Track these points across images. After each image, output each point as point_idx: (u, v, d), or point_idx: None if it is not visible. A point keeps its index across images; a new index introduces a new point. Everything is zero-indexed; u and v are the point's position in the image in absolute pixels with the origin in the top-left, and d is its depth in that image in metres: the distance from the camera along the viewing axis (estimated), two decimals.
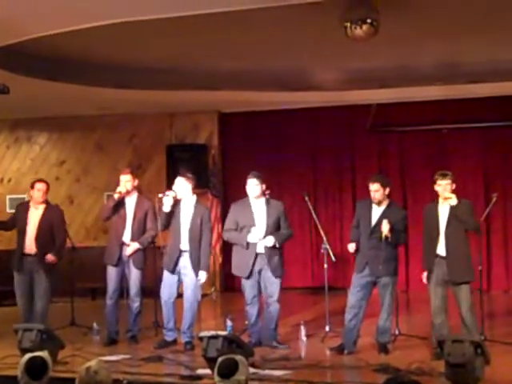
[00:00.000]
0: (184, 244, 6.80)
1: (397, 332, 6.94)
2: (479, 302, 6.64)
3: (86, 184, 11.53)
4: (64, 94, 9.50)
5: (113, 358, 6.19)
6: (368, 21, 6.34)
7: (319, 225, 7.55)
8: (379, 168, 10.78)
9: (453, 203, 6.12)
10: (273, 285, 6.67)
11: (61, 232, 7.33)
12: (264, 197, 6.82)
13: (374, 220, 6.39)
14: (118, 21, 6.50)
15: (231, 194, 10.89)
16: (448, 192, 6.18)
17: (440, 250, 6.22)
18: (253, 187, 6.72)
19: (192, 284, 6.75)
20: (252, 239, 6.66)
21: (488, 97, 10.14)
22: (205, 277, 6.77)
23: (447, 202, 6.16)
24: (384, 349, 6.34)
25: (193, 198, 6.89)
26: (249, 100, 10.37)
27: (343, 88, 9.85)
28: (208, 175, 10.84)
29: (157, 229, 7.00)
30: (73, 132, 11.59)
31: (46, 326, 6.20)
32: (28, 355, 3.86)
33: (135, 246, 7.04)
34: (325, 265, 7.37)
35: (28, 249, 7.16)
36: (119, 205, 7.12)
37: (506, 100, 10.20)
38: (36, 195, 7.23)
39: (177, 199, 6.80)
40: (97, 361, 3.64)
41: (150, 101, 10.12)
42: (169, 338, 6.87)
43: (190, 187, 6.85)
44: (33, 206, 7.27)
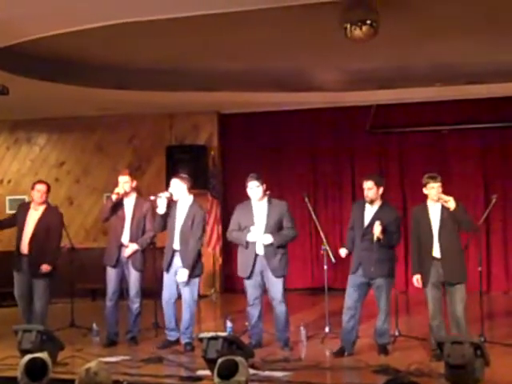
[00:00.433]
0: (176, 244, 6.80)
1: (396, 333, 6.94)
2: (479, 303, 6.64)
3: (86, 185, 11.53)
4: (64, 95, 9.49)
5: (113, 359, 6.19)
6: (368, 22, 6.34)
7: (319, 226, 7.55)
8: (379, 169, 10.78)
9: (452, 206, 6.03)
10: (274, 286, 6.64)
11: (56, 236, 7.28)
12: (266, 197, 6.79)
13: (367, 221, 6.35)
14: (118, 21, 6.49)
15: (231, 195, 10.89)
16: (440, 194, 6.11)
17: (435, 252, 6.14)
18: (254, 189, 6.69)
19: (187, 284, 6.74)
20: (251, 238, 6.66)
21: (488, 98, 10.14)
22: (185, 275, 6.65)
23: (446, 205, 6.05)
24: (383, 350, 6.34)
25: (189, 199, 6.87)
26: (248, 101, 10.37)
27: (343, 89, 9.85)
28: (208, 176, 10.82)
29: (155, 229, 7.01)
30: (72, 133, 11.59)
31: (46, 327, 6.21)
32: (28, 356, 3.86)
33: (134, 247, 7.04)
34: (324, 266, 7.38)
35: (24, 249, 7.18)
36: (118, 206, 7.12)
37: (506, 101, 10.20)
38: (35, 196, 7.26)
39: (172, 200, 6.81)
40: (97, 362, 3.64)
41: (150, 102, 10.12)
42: (171, 338, 6.87)
43: (186, 187, 6.84)
44: (33, 208, 7.30)
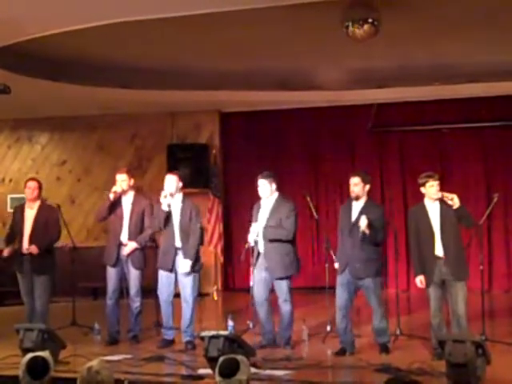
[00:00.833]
0: (177, 241, 6.79)
1: (398, 332, 6.93)
2: (481, 302, 6.64)
3: (88, 184, 11.53)
4: (65, 94, 9.51)
5: (114, 358, 6.17)
6: (369, 20, 6.35)
7: (320, 224, 7.54)
8: (379, 168, 10.79)
9: (457, 203, 5.97)
10: (277, 284, 6.63)
11: (55, 230, 7.26)
12: (276, 195, 6.76)
13: (354, 217, 6.32)
14: (119, 21, 6.51)
15: (232, 194, 10.90)
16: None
17: (437, 251, 6.11)
18: (261, 187, 6.71)
19: (188, 281, 6.74)
20: (251, 238, 6.65)
21: (488, 96, 10.14)
22: (187, 266, 6.67)
23: (451, 203, 5.97)
24: (385, 349, 6.31)
25: (179, 195, 6.85)
26: (250, 100, 10.37)
27: (344, 88, 9.85)
28: (209, 175, 10.83)
29: (154, 227, 6.99)
30: (74, 132, 11.60)
31: (47, 326, 6.20)
32: (29, 355, 3.86)
33: (133, 246, 7.02)
34: (326, 264, 7.37)
35: (25, 248, 7.15)
36: (116, 204, 7.11)
37: (507, 100, 10.19)
38: (27, 193, 7.23)
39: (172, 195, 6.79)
40: (98, 361, 3.63)
41: (151, 101, 10.12)
42: (169, 337, 6.87)
43: (179, 184, 6.81)
44: (28, 207, 7.26)
